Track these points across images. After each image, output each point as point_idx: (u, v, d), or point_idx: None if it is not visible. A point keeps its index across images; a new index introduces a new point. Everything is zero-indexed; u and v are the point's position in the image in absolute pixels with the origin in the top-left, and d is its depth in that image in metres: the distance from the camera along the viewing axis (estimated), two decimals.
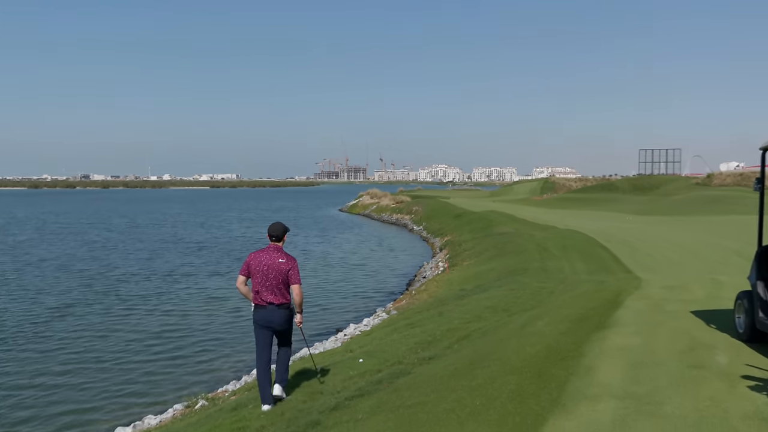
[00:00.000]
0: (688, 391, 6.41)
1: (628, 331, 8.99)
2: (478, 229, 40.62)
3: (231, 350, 18.49)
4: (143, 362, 17.38)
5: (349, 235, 55.89)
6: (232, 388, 13.57)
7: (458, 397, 6.87)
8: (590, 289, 14.79)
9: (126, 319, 22.06)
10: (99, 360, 17.47)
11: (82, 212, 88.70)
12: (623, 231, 33.29)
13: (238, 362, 17.39)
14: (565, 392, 6.45)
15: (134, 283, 29.08)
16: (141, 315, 22.69)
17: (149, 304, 24.47)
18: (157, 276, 30.88)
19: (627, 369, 7.16)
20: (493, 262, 26.09)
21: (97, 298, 25.51)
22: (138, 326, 21.16)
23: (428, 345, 11.34)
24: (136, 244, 45.18)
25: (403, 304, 21.87)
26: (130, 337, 19.79)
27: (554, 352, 7.97)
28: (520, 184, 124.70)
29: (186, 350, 18.46)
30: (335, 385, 9.08)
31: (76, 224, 65.70)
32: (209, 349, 18.57)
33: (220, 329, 20.76)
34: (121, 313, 23.00)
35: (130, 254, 39.56)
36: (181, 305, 24.18)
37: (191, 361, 17.52)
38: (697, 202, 58.64)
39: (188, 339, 19.66)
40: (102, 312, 23.10)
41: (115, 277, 31.00)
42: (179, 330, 20.68)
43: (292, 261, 8.39)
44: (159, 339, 19.62)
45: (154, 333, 20.27)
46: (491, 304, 14.99)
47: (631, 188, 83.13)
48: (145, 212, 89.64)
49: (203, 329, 20.77)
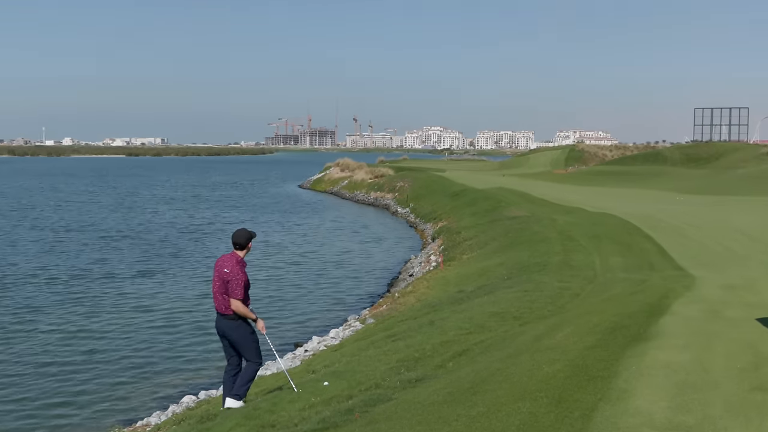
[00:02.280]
0: (750, 421, 6.51)
1: (675, 345, 9.11)
2: (483, 213, 40.84)
3: (155, 373, 18.50)
4: (40, 386, 17.31)
5: (312, 220, 55.90)
6: (156, 421, 13.59)
7: (452, 430, 6.92)
8: (627, 290, 14.94)
9: (14, 335, 21.90)
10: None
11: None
12: (672, 215, 33.62)
13: (164, 387, 17.42)
14: (592, 423, 6.53)
15: (26, 285, 28.88)
16: (35, 329, 22.56)
17: (46, 314, 24.34)
18: (58, 276, 30.72)
19: (673, 393, 7.26)
20: (501, 255, 26.26)
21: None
22: (31, 343, 21.03)
23: (415, 363, 11.40)
24: (29, 233, 44.82)
25: (382, 310, 21.97)
26: (21, 358, 19.67)
27: (579, 371, 8.06)
28: (538, 154, 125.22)
29: (97, 372, 18.42)
30: (291, 416, 9.11)
31: None
32: (127, 371, 18.55)
33: (142, 346, 20.75)
34: (7, 327, 22.84)
35: (21, 247, 39.25)
36: (91, 315, 24.10)
37: (103, 386, 17.49)
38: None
39: (100, 358, 19.60)
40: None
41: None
42: (85, 346, 20.61)
43: (235, 272, 10.00)
44: (61, 358, 19.53)
45: (53, 351, 20.17)
46: (498, 309, 15.09)
47: (682, 159, 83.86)
48: (38, 189, 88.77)
49: (120, 346, 20.73)
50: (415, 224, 50.40)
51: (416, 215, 52.86)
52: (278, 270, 33.30)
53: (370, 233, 47.64)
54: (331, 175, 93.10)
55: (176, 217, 55.93)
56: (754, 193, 48.20)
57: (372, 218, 57.83)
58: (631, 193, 52.15)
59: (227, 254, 10.35)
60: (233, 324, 10.12)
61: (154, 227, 49.08)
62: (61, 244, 40.10)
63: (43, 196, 75.79)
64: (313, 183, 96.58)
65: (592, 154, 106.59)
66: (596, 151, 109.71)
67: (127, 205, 66.86)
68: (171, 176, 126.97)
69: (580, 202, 41.53)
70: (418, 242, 42.60)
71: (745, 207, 39.08)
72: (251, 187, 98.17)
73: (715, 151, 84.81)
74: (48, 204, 66.27)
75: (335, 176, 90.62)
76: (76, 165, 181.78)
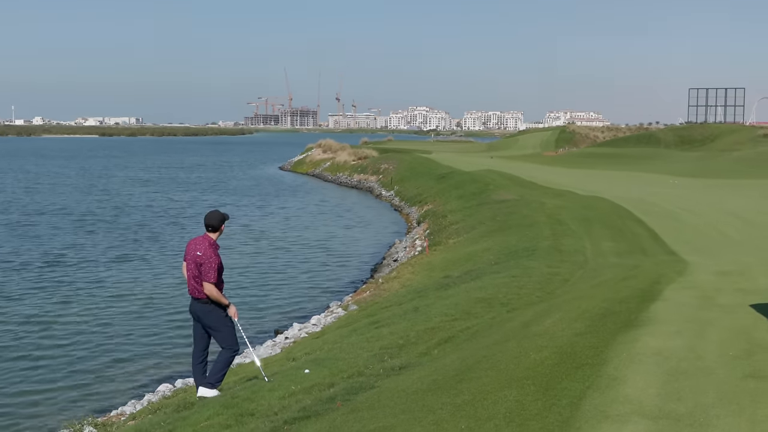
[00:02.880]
0: (743, 408, 6.57)
1: (667, 331, 9.17)
2: (470, 196, 40.90)
3: (129, 360, 18.47)
4: (11, 375, 17.24)
5: (293, 203, 55.83)
6: (131, 410, 13.57)
7: (437, 418, 6.96)
8: (618, 275, 15.04)
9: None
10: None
11: None
12: (665, 198, 33.82)
13: (139, 375, 17.41)
14: (580, 411, 6.57)
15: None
16: (5, 315, 22.45)
17: (17, 300, 24.23)
18: (30, 262, 30.53)
19: (664, 380, 7.32)
20: (488, 239, 26.33)
21: None
22: (1, 331, 20.97)
23: (398, 350, 11.44)
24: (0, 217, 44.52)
25: (366, 296, 22.00)
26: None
27: (567, 358, 8.11)
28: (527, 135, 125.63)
29: (69, 360, 18.36)
30: (271, 405, 9.13)
31: None
32: (100, 359, 18.50)
33: (115, 332, 20.69)
34: None
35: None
36: (63, 302, 23.98)
37: (76, 374, 17.45)
38: (765, 159, 59.69)
39: (69, 346, 19.54)
40: None
41: None
42: (55, 334, 20.53)
43: (208, 254, 10.08)
44: (32, 346, 19.45)
45: (25, 339, 20.09)
46: (485, 295, 15.15)
47: (676, 141, 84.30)
48: (8, 170, 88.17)
49: (94, 333, 20.65)
50: (399, 208, 50.44)
51: (401, 198, 52.88)
52: (258, 255, 33.25)
53: (353, 217, 47.63)
54: (312, 156, 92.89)
55: (153, 201, 55.64)
56: (750, 177, 48.54)
57: (355, 201, 57.81)
58: (623, 176, 52.37)
59: (199, 236, 10.43)
60: (207, 308, 10.21)
61: (130, 211, 48.82)
62: (32, 228, 39.81)
63: (13, 178, 75.28)
64: (294, 165, 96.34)
65: (583, 136, 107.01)
66: (587, 133, 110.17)
67: (101, 187, 66.45)
68: (146, 158, 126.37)
69: (571, 185, 41.69)
70: (402, 226, 42.63)
71: (740, 191, 39.37)
72: (230, 169, 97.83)
73: (710, 133, 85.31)
74: (18, 186, 65.83)
75: (317, 158, 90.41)
76: (48, 145, 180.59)
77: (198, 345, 10.56)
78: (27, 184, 68.41)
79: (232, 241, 35.14)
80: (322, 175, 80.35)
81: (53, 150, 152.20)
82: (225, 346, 10.34)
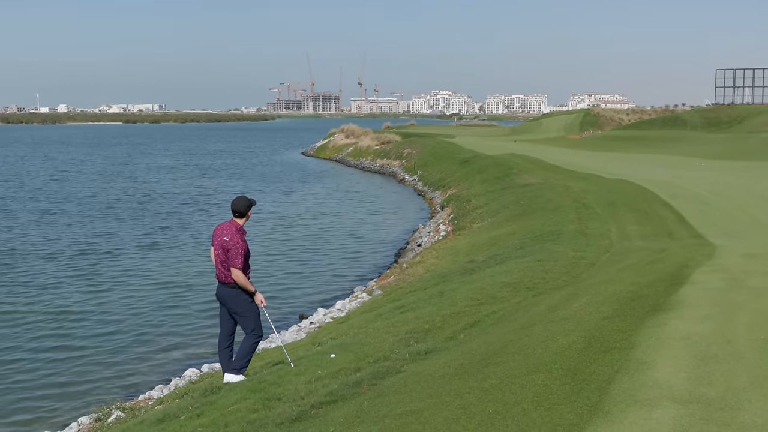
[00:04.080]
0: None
1: (696, 315, 9.10)
2: (494, 180, 40.78)
3: (156, 346, 18.63)
4: (35, 363, 17.45)
5: (316, 188, 55.92)
6: (158, 395, 13.69)
7: (464, 402, 6.96)
8: (645, 259, 14.94)
9: (14, 310, 21.99)
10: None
11: None
12: (692, 181, 33.55)
13: (166, 362, 17.55)
14: (609, 395, 6.54)
15: (26, 260, 28.96)
16: (35, 303, 22.66)
17: (47, 288, 24.44)
18: (59, 250, 30.76)
19: (693, 364, 7.26)
20: (513, 224, 26.26)
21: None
22: (27, 315, 21.19)
23: (424, 335, 11.46)
24: (27, 205, 44.84)
25: (390, 281, 22.04)
26: (18, 329, 19.83)
27: (595, 342, 8.07)
28: (551, 118, 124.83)
29: (96, 347, 18.54)
30: (298, 389, 9.17)
31: None
32: (127, 345, 18.68)
33: (143, 319, 20.85)
34: (2, 298, 22.99)
35: (19, 220, 39.32)
36: (91, 289, 24.16)
37: (103, 360, 17.63)
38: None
39: (98, 332, 19.73)
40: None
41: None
42: (85, 321, 20.72)
43: (235, 240, 10.19)
44: (58, 332, 19.67)
45: (50, 324, 20.31)
46: (510, 280, 15.13)
47: (703, 123, 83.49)
48: (34, 158, 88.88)
49: (119, 319, 20.85)
50: (423, 192, 50.37)
51: (424, 183, 52.79)
52: (282, 241, 33.35)
53: (376, 202, 47.64)
54: (335, 141, 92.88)
55: (179, 188, 55.85)
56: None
57: (378, 186, 57.79)
58: (649, 159, 52.00)
59: (226, 222, 10.54)
60: (233, 293, 10.34)
61: (158, 198, 49.02)
62: (62, 216, 40.07)
63: (41, 166, 75.88)
64: (316, 150, 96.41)
65: (608, 119, 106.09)
66: (612, 115, 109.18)
67: (127, 174, 66.76)
68: (170, 144, 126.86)
69: (596, 168, 41.45)
70: (426, 211, 42.58)
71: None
72: (254, 155, 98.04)
73: (737, 115, 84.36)
74: (46, 174, 66.32)
75: (340, 143, 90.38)
76: (72, 133, 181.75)
77: (224, 330, 10.69)
78: (54, 171, 68.87)
79: (256, 226, 35.25)
80: (345, 161, 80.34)
81: (78, 137, 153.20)
82: (249, 332, 10.44)
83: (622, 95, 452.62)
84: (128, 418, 11.64)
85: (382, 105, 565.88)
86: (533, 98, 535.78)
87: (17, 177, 62.61)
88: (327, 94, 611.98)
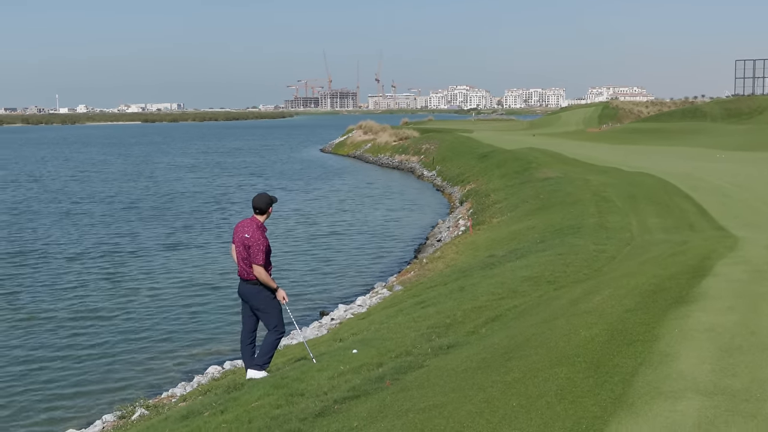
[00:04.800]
0: None
1: (720, 307, 9.05)
2: (513, 174, 40.68)
3: (179, 344, 18.75)
4: (60, 362, 17.60)
5: (335, 184, 56.00)
6: (181, 392, 13.76)
7: (487, 396, 6.95)
8: (666, 251, 14.87)
9: (38, 310, 22.22)
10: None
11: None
12: (713, 173, 33.35)
13: (188, 358, 17.66)
14: (632, 388, 6.52)
15: (49, 258, 29.21)
16: (56, 302, 22.88)
17: (68, 287, 24.67)
18: (82, 248, 31.03)
19: (717, 356, 7.22)
20: (533, 218, 26.20)
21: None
22: (52, 315, 21.37)
23: (446, 330, 11.45)
24: (51, 206, 45.16)
25: (410, 276, 22.04)
26: (43, 330, 20.01)
27: (618, 335, 8.04)
28: (569, 112, 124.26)
29: (119, 345, 18.69)
30: (321, 385, 9.19)
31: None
32: (150, 343, 18.81)
33: (165, 318, 21.02)
34: (28, 299, 23.19)
35: (46, 218, 39.62)
36: (114, 287, 24.39)
37: (126, 357, 17.77)
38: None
39: (121, 331, 19.88)
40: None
41: (20, 248, 31.16)
42: (108, 320, 20.88)
43: (256, 237, 10.20)
44: (82, 331, 19.83)
45: (75, 324, 20.48)
46: (531, 274, 15.10)
47: (723, 114, 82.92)
48: (54, 158, 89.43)
49: (143, 318, 21.01)
50: (442, 188, 50.36)
51: (443, 178, 52.77)
52: (302, 237, 33.44)
53: (395, 198, 47.66)
54: (353, 138, 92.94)
55: (200, 186, 56.10)
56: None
57: (397, 182, 57.81)
58: (669, 152, 51.74)
59: (247, 219, 10.59)
60: (255, 289, 10.36)
61: (179, 197, 49.30)
62: (84, 216, 40.31)
63: (61, 166, 76.37)
64: (335, 147, 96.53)
65: (627, 111, 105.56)
66: (631, 108, 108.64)
67: (148, 174, 67.17)
68: (190, 143, 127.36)
69: (615, 161, 41.30)
70: (445, 206, 42.58)
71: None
72: (273, 152, 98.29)
73: (757, 106, 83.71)
74: (67, 174, 66.76)
75: (358, 139, 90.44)
76: (92, 133, 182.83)
77: (246, 326, 10.71)
78: (74, 172, 69.30)
79: (276, 223, 35.35)
80: (364, 157, 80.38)
81: (98, 137, 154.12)
82: (271, 328, 10.46)
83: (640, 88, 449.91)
84: (152, 415, 11.72)
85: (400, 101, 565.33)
86: (551, 92, 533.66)
87: (38, 178, 63.07)
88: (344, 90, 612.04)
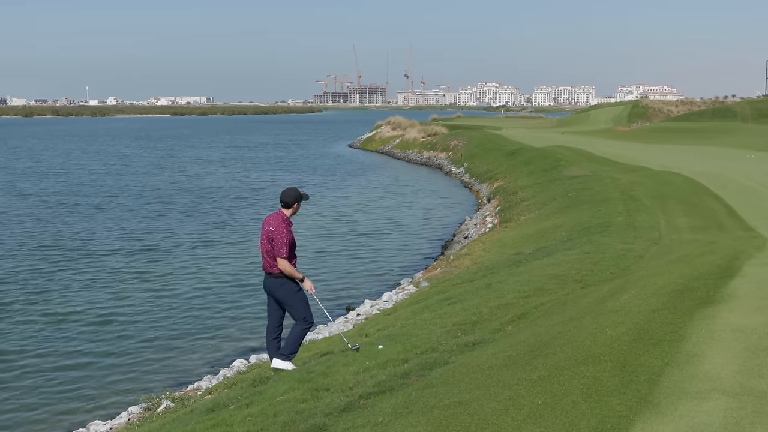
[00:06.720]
0: None
1: (747, 307, 8.98)
2: (541, 172, 40.56)
3: (205, 337, 18.87)
4: (88, 354, 17.80)
5: (363, 180, 56.07)
6: (207, 385, 13.86)
7: (513, 394, 6.95)
8: (695, 251, 14.77)
9: (67, 299, 22.52)
10: (27, 353, 17.91)
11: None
12: (742, 173, 33.05)
13: (214, 353, 17.77)
14: (659, 387, 6.49)
15: (79, 250, 29.52)
16: (84, 294, 23.12)
17: (98, 279, 24.91)
18: (112, 243, 31.26)
19: (745, 357, 7.17)
20: (560, 216, 26.11)
21: (25, 276, 25.91)
22: (82, 308, 21.58)
23: (472, 327, 11.45)
24: (81, 200, 45.53)
25: (437, 273, 22.05)
26: (72, 322, 20.25)
27: (645, 334, 8.01)
28: (599, 110, 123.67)
29: (145, 338, 18.85)
30: (346, 380, 9.22)
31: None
32: (176, 336, 18.95)
33: (191, 311, 21.16)
34: (59, 292, 23.45)
35: (77, 213, 39.97)
36: (142, 281, 24.57)
37: (152, 351, 17.92)
38: None
39: (148, 324, 20.04)
40: (30, 292, 23.52)
41: (53, 242, 31.49)
42: (135, 314, 21.05)
43: (280, 230, 10.28)
44: (108, 325, 20.02)
45: (100, 317, 20.66)
46: (558, 272, 15.05)
47: (753, 114, 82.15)
48: (84, 151, 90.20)
49: (168, 312, 21.16)
50: (469, 184, 50.28)
51: (471, 175, 52.67)
52: (329, 233, 33.50)
53: (423, 194, 47.65)
54: (382, 134, 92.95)
55: (232, 181, 56.30)
56: None
57: (425, 178, 57.79)
58: (699, 151, 51.32)
59: (274, 213, 10.67)
60: (278, 282, 10.42)
61: (211, 192, 49.40)
62: (114, 212, 40.46)
63: (92, 159, 77.01)
64: (363, 142, 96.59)
65: (657, 110, 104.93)
66: (661, 107, 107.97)
67: (179, 168, 67.35)
68: (219, 137, 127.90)
69: (644, 160, 41.05)
70: (473, 203, 42.52)
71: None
72: (302, 147, 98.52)
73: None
74: (99, 168, 67.25)
75: (386, 135, 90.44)
76: (121, 126, 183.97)
77: (272, 320, 10.77)
78: (106, 165, 69.79)
79: (308, 220, 35.47)
80: (392, 153, 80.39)
81: (127, 130, 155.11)
82: (300, 320, 10.48)
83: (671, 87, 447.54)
84: (177, 407, 11.80)
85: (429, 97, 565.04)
86: (581, 90, 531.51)
87: (68, 171, 63.60)
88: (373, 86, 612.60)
